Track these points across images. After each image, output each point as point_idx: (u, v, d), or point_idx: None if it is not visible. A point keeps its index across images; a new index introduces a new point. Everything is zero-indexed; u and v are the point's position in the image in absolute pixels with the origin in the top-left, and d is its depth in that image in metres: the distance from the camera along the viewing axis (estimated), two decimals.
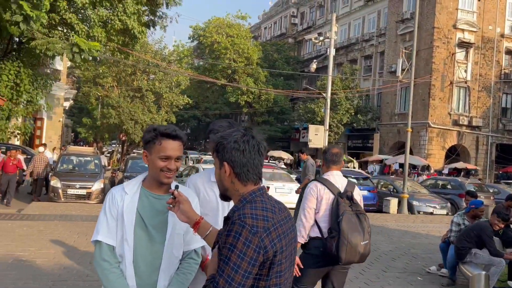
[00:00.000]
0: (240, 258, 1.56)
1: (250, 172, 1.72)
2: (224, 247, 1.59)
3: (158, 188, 2.14)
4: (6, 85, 14.59)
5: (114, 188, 2.17)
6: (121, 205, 2.08)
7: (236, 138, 1.72)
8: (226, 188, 1.77)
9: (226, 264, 1.56)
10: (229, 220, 1.67)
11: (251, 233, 1.58)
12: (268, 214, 1.65)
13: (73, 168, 14.45)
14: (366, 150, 35.51)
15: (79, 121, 43.92)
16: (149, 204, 2.12)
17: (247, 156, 1.71)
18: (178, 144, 2.11)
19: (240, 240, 1.56)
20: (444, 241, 7.06)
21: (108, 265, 2.06)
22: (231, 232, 1.59)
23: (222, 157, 1.73)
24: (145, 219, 2.09)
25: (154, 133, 2.09)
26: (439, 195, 17.21)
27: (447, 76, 30.19)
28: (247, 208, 1.66)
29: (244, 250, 1.56)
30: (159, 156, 2.07)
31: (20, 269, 5.88)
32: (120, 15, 14.91)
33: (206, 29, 42.61)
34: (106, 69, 35.04)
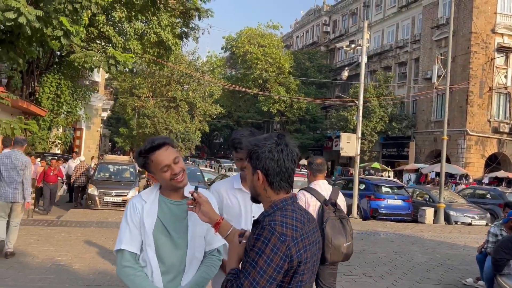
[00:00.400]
0: (266, 264, 1.59)
1: (283, 181, 1.75)
2: (252, 250, 1.62)
3: (175, 194, 2.20)
4: (48, 97, 15.29)
5: (134, 197, 2.23)
6: (142, 213, 2.13)
7: (271, 148, 1.73)
8: (258, 194, 1.80)
9: (253, 268, 1.59)
10: (258, 224, 1.70)
11: (280, 241, 1.60)
12: (297, 224, 1.68)
13: (110, 176, 14.88)
14: (401, 158, 34.76)
15: (116, 131, 45.23)
16: (168, 211, 2.17)
17: (281, 166, 1.73)
18: (166, 149, 2.13)
19: (269, 246, 1.59)
20: (480, 252, 6.83)
21: (132, 270, 2.09)
22: (260, 237, 1.61)
23: (256, 165, 1.75)
24: (166, 225, 2.14)
25: (143, 156, 2.14)
26: (478, 205, 16.62)
27: (485, 82, 29.24)
28: (277, 215, 1.68)
29: (271, 256, 1.59)
30: (160, 169, 2.11)
31: (58, 273, 6.11)
32: (155, 28, 15.37)
33: (238, 40, 43.14)
34: (142, 80, 36.05)
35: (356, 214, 15.16)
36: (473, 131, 29.01)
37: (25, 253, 7.12)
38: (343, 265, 7.69)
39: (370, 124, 33.03)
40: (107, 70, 10.74)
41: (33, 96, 15.34)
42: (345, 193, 16.74)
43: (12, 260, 6.60)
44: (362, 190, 15.74)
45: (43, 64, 15.77)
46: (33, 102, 14.75)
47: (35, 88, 15.38)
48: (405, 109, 35.84)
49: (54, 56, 15.92)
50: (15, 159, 6.53)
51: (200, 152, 60.29)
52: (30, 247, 7.55)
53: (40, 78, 15.40)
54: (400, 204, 15.43)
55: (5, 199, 6.52)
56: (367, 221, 14.67)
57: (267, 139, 1.77)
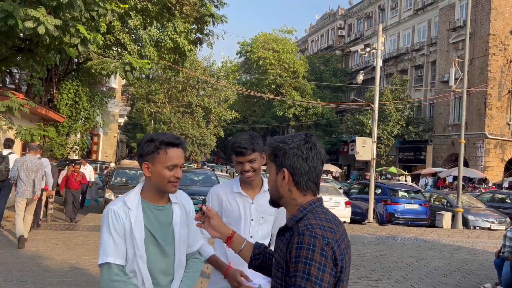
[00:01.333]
0: (321, 271, 1.44)
1: (311, 181, 1.61)
2: (299, 262, 1.45)
3: (160, 199, 2.10)
4: (66, 103, 15.60)
5: (113, 204, 2.04)
6: (127, 221, 1.99)
7: (299, 144, 1.60)
8: (281, 196, 1.64)
9: (308, 280, 1.42)
10: (287, 231, 1.58)
11: (325, 244, 1.46)
12: (333, 226, 1.54)
13: (126, 181, 15.05)
14: (418, 162, 34.35)
15: (133, 136, 45.79)
16: (154, 218, 2.07)
17: (309, 164, 1.60)
18: (181, 151, 2.06)
19: (316, 252, 1.44)
20: (498, 256, 6.71)
21: (123, 284, 1.97)
22: (303, 245, 1.46)
23: (282, 163, 1.60)
24: (154, 233, 2.04)
25: (156, 143, 2.01)
26: (497, 209, 16.32)
27: (504, 84, 28.76)
28: (311, 218, 1.54)
29: (323, 262, 1.44)
30: (166, 166, 2.00)
31: (76, 276, 6.22)
32: (171, 34, 15.58)
33: (253, 45, 43.34)
34: (158, 86, 36.48)
35: (372, 218, 15.03)
36: (492, 134, 28.53)
37: (43, 256, 7.27)
38: (358, 270, 7.65)
39: (386, 128, 32.76)
40: (124, 76, 10.92)
41: (51, 102, 15.66)
42: (361, 198, 16.70)
43: (32, 264, 6.74)
44: (378, 195, 15.60)
45: (62, 71, 16.11)
46: (52, 108, 15.06)
47: (54, 95, 15.70)
48: (422, 113, 35.46)
49: (72, 63, 16.24)
50: (30, 163, 7.96)
51: (215, 157, 60.60)
52: (48, 250, 7.70)
53: (58, 85, 15.72)
54: (417, 208, 15.24)
55: (24, 195, 7.87)
56: (383, 226, 14.54)
57: (294, 136, 1.64)
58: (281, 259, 1.55)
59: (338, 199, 14.68)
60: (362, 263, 8.19)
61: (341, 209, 14.51)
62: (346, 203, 14.76)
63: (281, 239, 1.60)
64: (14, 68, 12.65)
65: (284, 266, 1.53)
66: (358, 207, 15.86)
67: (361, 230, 13.17)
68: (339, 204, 14.54)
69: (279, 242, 1.61)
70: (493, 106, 28.66)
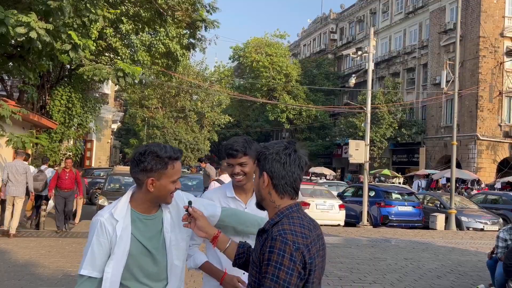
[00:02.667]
0: (289, 275, 1.55)
1: (288, 185, 1.72)
2: (270, 265, 1.57)
3: (152, 209, 2.06)
4: (58, 110, 15.52)
5: (101, 214, 1.99)
6: (113, 234, 1.94)
7: (278, 150, 1.72)
8: (263, 198, 1.77)
9: (276, 283, 1.55)
10: (265, 233, 1.68)
11: (294, 250, 1.57)
12: (305, 232, 1.65)
13: (120, 187, 14.98)
14: (411, 165, 34.53)
15: (127, 142, 45.64)
16: (144, 227, 2.03)
17: (287, 169, 1.71)
18: (180, 163, 2.06)
19: (286, 257, 1.55)
20: (491, 257, 6.75)
21: None
22: (274, 249, 1.57)
23: (263, 167, 1.73)
24: (145, 244, 2.00)
25: (165, 160, 1.98)
26: (490, 210, 16.43)
27: (495, 86, 29.03)
28: (285, 223, 1.64)
29: (291, 266, 1.56)
30: (172, 180, 1.99)
31: (69, 284, 6.17)
32: (163, 39, 15.57)
33: (245, 49, 43.43)
34: (151, 91, 36.40)
35: (366, 221, 15.07)
36: (484, 135, 28.76)
37: (36, 264, 7.21)
38: (352, 272, 7.66)
39: (379, 131, 32.91)
40: (116, 82, 10.90)
41: (44, 109, 15.57)
42: (355, 200, 16.73)
43: (24, 272, 6.69)
44: (372, 197, 15.65)
45: (54, 78, 16.03)
46: (44, 115, 14.97)
47: (46, 101, 15.62)
48: (414, 115, 35.68)
49: (64, 70, 16.17)
50: (18, 166, 9.48)
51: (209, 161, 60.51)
52: (41, 258, 7.64)
53: (50, 91, 15.65)
54: (411, 210, 15.31)
55: (11, 193, 9.40)
56: (377, 228, 14.58)
57: (277, 143, 1.77)
58: (256, 258, 1.66)
59: (332, 202, 14.71)
60: (356, 266, 8.21)
61: (335, 212, 14.54)
62: (340, 206, 14.78)
63: (259, 239, 1.71)
64: (5, 75, 12.58)
65: (258, 266, 1.65)
66: (352, 209, 15.89)
67: (355, 232, 13.19)
68: (333, 207, 14.57)
69: (257, 242, 1.72)
70: (484, 107, 28.90)
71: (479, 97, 28.74)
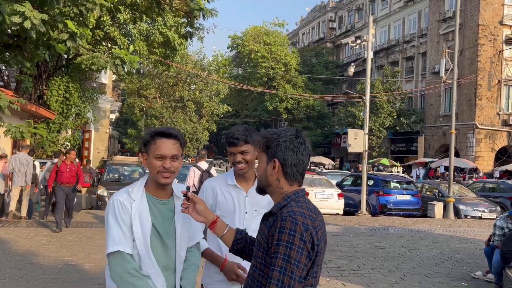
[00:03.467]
0: (299, 254, 1.59)
1: (299, 173, 1.77)
2: (280, 245, 1.60)
3: (161, 192, 2.12)
4: (56, 100, 15.46)
5: (118, 194, 2.07)
6: (131, 212, 2.01)
7: (292, 139, 1.75)
8: (269, 184, 1.79)
9: (287, 262, 1.58)
10: (272, 216, 1.73)
11: (304, 230, 1.61)
12: (312, 215, 1.69)
13: (119, 177, 15.00)
14: (410, 154, 34.59)
15: (125, 132, 45.53)
16: (158, 212, 2.09)
17: (299, 158, 1.75)
18: (173, 143, 2.07)
19: (296, 237, 1.59)
20: (488, 245, 6.80)
21: (139, 280, 1.98)
22: (285, 229, 1.61)
23: (274, 154, 1.75)
24: (157, 227, 2.06)
25: (151, 134, 2.08)
26: (488, 198, 16.51)
27: (494, 74, 28.97)
28: (294, 206, 1.69)
29: (301, 246, 1.60)
30: (154, 155, 2.04)
31: (70, 273, 6.21)
32: (161, 28, 15.44)
33: (244, 38, 43.15)
34: (149, 81, 36.22)
35: (365, 210, 15.14)
36: (482, 124, 28.78)
37: (37, 253, 7.24)
38: (351, 260, 7.72)
39: (378, 120, 32.90)
40: (114, 71, 10.84)
41: (41, 99, 15.51)
42: (354, 189, 16.78)
43: (25, 261, 6.72)
44: (370, 186, 15.71)
45: (51, 68, 15.94)
46: (42, 105, 14.91)
47: (44, 92, 15.55)
48: (413, 104, 35.64)
49: (62, 59, 16.07)
50: (22, 159, 10.25)
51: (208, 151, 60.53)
52: (42, 248, 7.68)
53: (48, 81, 15.57)
54: (409, 199, 15.38)
55: (18, 184, 10.26)
56: (376, 217, 14.65)
57: (287, 130, 1.80)
58: (263, 240, 1.71)
59: (331, 191, 14.75)
60: (355, 254, 8.26)
61: (334, 201, 14.60)
62: (339, 195, 14.84)
63: (264, 223, 1.76)
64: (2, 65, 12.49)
65: (265, 247, 1.69)
66: (351, 198, 15.95)
67: (354, 221, 13.26)
68: (332, 196, 14.62)
69: (262, 226, 1.77)
70: (483, 96, 28.88)
71: (478, 86, 28.70)
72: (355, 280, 6.49)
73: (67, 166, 9.54)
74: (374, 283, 6.38)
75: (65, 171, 9.48)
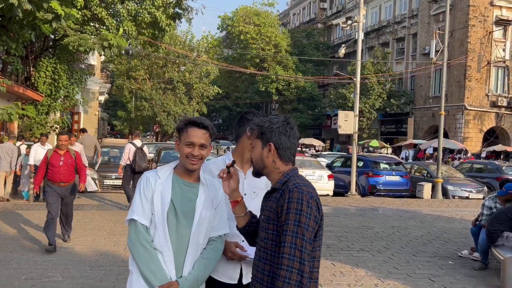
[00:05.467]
0: (308, 218, 1.81)
1: (292, 154, 2.02)
2: (290, 213, 1.80)
3: (188, 176, 2.27)
4: (44, 82, 15.20)
5: (148, 172, 2.31)
6: (155, 188, 2.21)
7: (283, 124, 2.00)
8: (265, 166, 2.00)
9: (298, 226, 1.79)
10: (275, 192, 1.95)
11: (309, 197, 1.84)
12: (311, 189, 1.90)
13: (109, 160, 14.94)
14: (400, 135, 34.85)
15: (115, 114, 45.15)
16: (180, 191, 2.24)
17: (291, 141, 2.00)
18: (203, 133, 2.24)
19: (304, 204, 1.81)
20: (475, 225, 6.94)
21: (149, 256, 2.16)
22: (293, 199, 1.82)
23: (269, 139, 1.98)
24: (176, 205, 2.21)
25: (184, 122, 2.28)
26: (475, 179, 16.76)
27: (484, 56, 29.08)
28: (296, 179, 1.91)
29: (309, 211, 1.82)
30: (185, 142, 2.23)
31: (60, 255, 6.22)
32: (149, 8, 15.15)
33: (234, 19, 42.62)
34: (138, 62, 35.76)
35: (354, 191, 15.30)
36: (471, 105, 29.02)
37: (27, 237, 7.23)
38: (341, 241, 7.83)
39: (368, 102, 32.99)
40: (102, 53, 10.66)
41: (29, 81, 15.24)
42: (344, 171, 16.90)
43: (15, 244, 6.71)
44: (360, 167, 15.83)
45: (38, 49, 15.63)
46: (29, 87, 14.67)
47: (31, 73, 15.27)
48: (403, 86, 35.75)
49: (49, 40, 15.75)
50: (7, 148, 11.07)
51: None
52: (32, 230, 7.66)
53: (35, 62, 15.28)
54: (398, 180, 15.55)
55: (3, 169, 10.94)
56: (365, 198, 14.82)
57: (277, 117, 2.04)
58: (272, 214, 1.91)
59: (321, 172, 14.85)
60: (344, 234, 8.38)
61: (324, 182, 14.71)
62: (329, 176, 14.95)
63: (269, 199, 1.98)
64: None
65: (275, 219, 1.89)
66: (340, 180, 16.09)
67: (344, 202, 13.41)
68: (322, 177, 14.73)
69: (267, 202, 1.98)
70: (472, 77, 29.04)
71: (468, 67, 28.82)
72: (345, 260, 6.60)
73: (60, 158, 6.71)
74: (363, 262, 6.49)
75: (57, 164, 6.68)
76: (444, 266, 6.49)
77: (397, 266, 6.38)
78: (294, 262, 1.76)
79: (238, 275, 2.42)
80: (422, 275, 6.01)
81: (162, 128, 35.49)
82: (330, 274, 5.86)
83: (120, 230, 7.84)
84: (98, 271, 5.59)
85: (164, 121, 34.27)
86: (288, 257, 1.77)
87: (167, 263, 2.17)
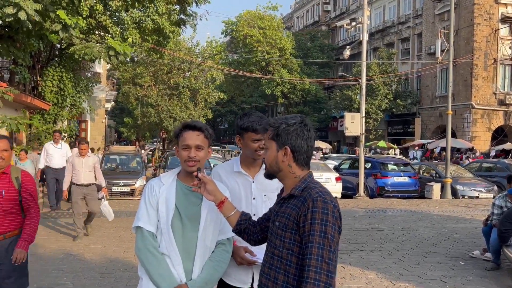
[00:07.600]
0: (333, 229, 1.74)
1: (308, 158, 1.91)
2: (315, 223, 1.72)
3: (191, 180, 2.26)
4: (51, 90, 15.33)
5: (152, 179, 2.35)
6: (159, 195, 2.24)
7: (301, 126, 1.87)
8: (280, 170, 1.90)
9: (324, 238, 1.71)
10: (293, 198, 1.84)
11: (334, 207, 1.77)
12: (333, 198, 1.83)
13: (117, 167, 15.00)
14: (407, 135, 34.66)
15: (121, 121, 45.33)
16: (183, 196, 2.26)
17: (308, 144, 1.88)
18: (197, 134, 2.26)
19: (329, 214, 1.74)
20: (486, 224, 6.87)
21: (155, 261, 2.18)
22: (317, 209, 1.74)
23: (284, 141, 1.86)
24: (180, 210, 2.23)
25: (179, 128, 2.31)
26: (485, 178, 16.60)
27: (490, 54, 28.88)
28: (318, 187, 1.83)
29: (334, 221, 1.75)
30: (182, 146, 2.26)
31: (71, 263, 6.24)
32: (152, 15, 15.24)
33: (238, 23, 42.72)
34: (143, 69, 35.92)
35: (363, 193, 15.22)
36: (479, 104, 28.79)
37: (37, 245, 7.26)
38: (350, 243, 7.78)
39: (374, 103, 32.86)
40: (108, 61, 10.74)
41: (36, 90, 15.38)
42: (352, 173, 16.85)
43: None
44: (368, 169, 15.76)
45: (44, 58, 15.77)
46: (37, 96, 14.80)
47: (38, 82, 15.41)
48: (409, 86, 35.58)
49: (55, 49, 15.90)
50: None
51: None
52: (42, 240, 7.68)
53: (41, 72, 15.42)
54: (407, 181, 15.45)
55: None
56: (374, 199, 14.74)
57: (293, 118, 1.90)
58: (289, 221, 1.81)
59: (329, 175, 14.81)
60: (354, 237, 8.33)
61: (332, 184, 14.65)
62: (336, 178, 14.90)
63: (285, 205, 1.87)
64: None
65: (293, 227, 1.80)
66: (348, 182, 16.02)
67: (352, 204, 13.34)
68: (330, 180, 14.68)
69: (283, 208, 1.87)
70: (479, 76, 28.83)
71: (474, 66, 28.62)
72: (354, 262, 6.56)
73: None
74: (373, 264, 6.45)
75: None
76: (456, 267, 6.43)
77: (407, 268, 6.32)
78: (321, 275, 1.68)
79: (250, 279, 2.43)
80: (434, 276, 5.96)
81: (169, 134, 35.56)
82: (340, 277, 5.82)
83: (129, 236, 7.85)
84: (109, 278, 5.60)
85: (170, 127, 34.33)
86: (315, 270, 1.69)
87: (176, 267, 2.19)
